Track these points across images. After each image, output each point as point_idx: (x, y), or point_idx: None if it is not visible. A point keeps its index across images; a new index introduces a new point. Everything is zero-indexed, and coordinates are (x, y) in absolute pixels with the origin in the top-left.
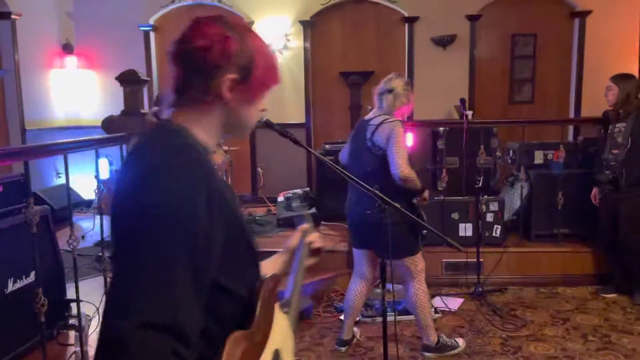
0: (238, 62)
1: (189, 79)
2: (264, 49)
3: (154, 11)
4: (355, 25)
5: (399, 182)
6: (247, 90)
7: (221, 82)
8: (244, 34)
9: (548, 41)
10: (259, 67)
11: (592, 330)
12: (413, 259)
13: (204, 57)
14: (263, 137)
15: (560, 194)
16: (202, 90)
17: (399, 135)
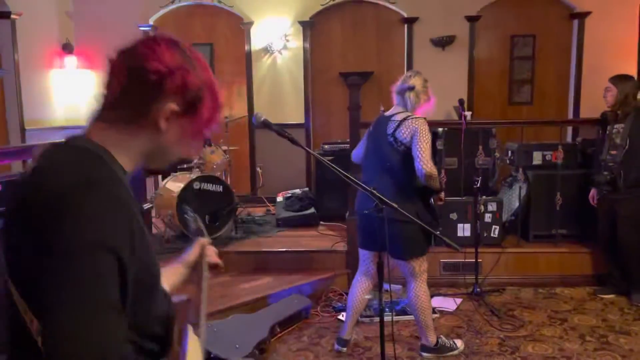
0: (186, 95)
1: (129, 97)
2: (214, 89)
3: (154, 11)
4: (354, 25)
5: (422, 178)
6: (184, 125)
7: (161, 109)
8: (200, 69)
9: (547, 42)
10: (204, 107)
11: (589, 330)
12: (421, 259)
13: (154, 81)
14: (262, 137)
15: (559, 195)
16: (139, 113)
17: (425, 133)
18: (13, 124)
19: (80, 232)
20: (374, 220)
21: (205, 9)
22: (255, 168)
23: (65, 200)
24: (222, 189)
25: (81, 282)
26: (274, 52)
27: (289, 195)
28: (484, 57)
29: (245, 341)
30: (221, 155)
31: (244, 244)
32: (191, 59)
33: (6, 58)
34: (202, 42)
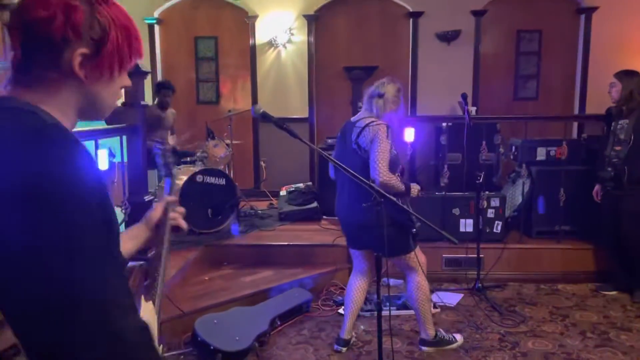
0: (88, 34)
1: (31, 54)
2: (120, 19)
3: (159, 4)
4: (359, 20)
5: (379, 186)
6: (101, 65)
7: (71, 58)
8: (95, 2)
9: (553, 37)
10: (113, 40)
11: (591, 327)
12: (408, 256)
13: (46, 29)
14: (266, 131)
15: (562, 191)
16: (48, 67)
17: (382, 139)
18: None
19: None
20: (350, 222)
21: (210, 2)
22: (258, 162)
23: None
24: (225, 182)
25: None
26: (279, 46)
27: (292, 189)
28: (489, 52)
29: (246, 334)
30: (224, 149)
31: (246, 237)
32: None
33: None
34: (206, 35)
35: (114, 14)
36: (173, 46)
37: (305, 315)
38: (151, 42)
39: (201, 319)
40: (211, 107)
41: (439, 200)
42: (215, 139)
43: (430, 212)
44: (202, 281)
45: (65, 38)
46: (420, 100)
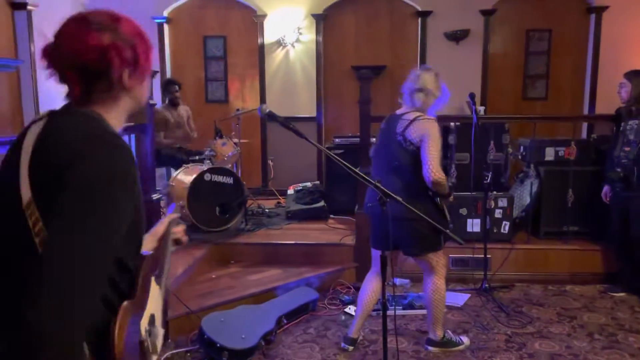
0: (126, 57)
1: (90, 84)
2: (136, 29)
3: (168, 3)
4: (367, 19)
5: (429, 184)
6: (140, 72)
7: (121, 77)
8: (118, 27)
9: (563, 37)
10: (141, 51)
11: (598, 328)
12: (435, 254)
13: (97, 67)
14: (274, 130)
15: (571, 191)
16: (106, 89)
17: (434, 136)
18: (29, 114)
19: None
20: (384, 219)
21: (219, 2)
22: (266, 161)
23: (85, 149)
24: (232, 181)
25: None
26: (287, 45)
27: (300, 188)
28: (498, 51)
29: (252, 332)
30: (232, 148)
31: (253, 236)
32: (108, 26)
33: (22, 49)
34: (215, 34)
35: (132, 30)
36: (182, 45)
37: (311, 314)
38: (160, 41)
39: (208, 317)
40: (220, 106)
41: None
42: (223, 137)
43: None
44: (209, 279)
45: (112, 67)
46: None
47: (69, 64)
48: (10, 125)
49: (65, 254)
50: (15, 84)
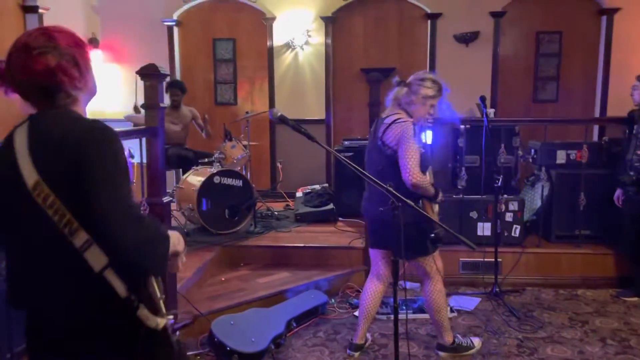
0: (72, 72)
1: (50, 97)
2: (74, 41)
3: (178, 6)
4: (377, 21)
5: (410, 187)
6: (85, 76)
7: (73, 87)
8: (57, 45)
9: (574, 39)
10: (81, 60)
11: (611, 333)
12: (425, 259)
13: (51, 85)
14: (283, 133)
15: (583, 195)
16: (65, 97)
17: (409, 139)
18: None
19: (108, 154)
20: (373, 218)
21: (228, 4)
22: (275, 163)
23: (90, 137)
24: (241, 183)
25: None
26: (296, 48)
27: (308, 190)
28: (508, 53)
29: (262, 335)
30: (241, 150)
31: (262, 239)
32: (51, 44)
33: None
34: (224, 37)
35: (67, 41)
36: (191, 48)
37: (320, 318)
38: (170, 44)
39: (218, 320)
40: (229, 109)
41: (457, 203)
42: (232, 140)
43: (447, 215)
44: (219, 282)
45: (70, 84)
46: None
47: (26, 89)
48: None
49: (119, 201)
50: None
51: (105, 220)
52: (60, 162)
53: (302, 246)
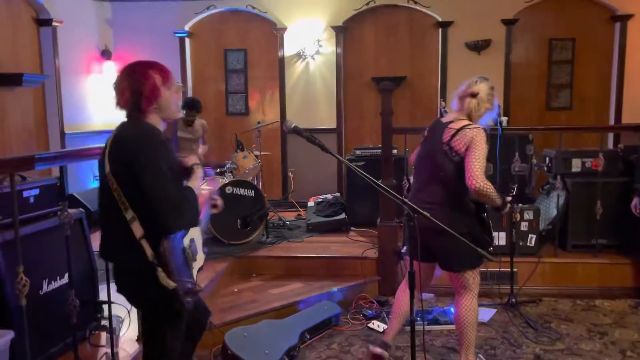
0: (145, 94)
1: (137, 106)
2: (160, 70)
3: (189, 18)
4: (388, 30)
5: (472, 194)
6: (154, 99)
7: (148, 102)
8: (134, 73)
9: (587, 45)
10: (153, 87)
11: (631, 345)
12: (473, 272)
13: (137, 96)
14: (294, 142)
15: (599, 203)
16: (143, 109)
17: (481, 145)
18: (53, 128)
19: (153, 153)
20: (425, 226)
21: (240, 15)
22: (287, 173)
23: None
24: (253, 193)
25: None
26: (307, 57)
27: (320, 200)
28: (521, 61)
29: (275, 347)
30: (253, 160)
31: (274, 249)
32: (129, 74)
33: (47, 64)
34: (236, 47)
35: (142, 74)
36: (203, 59)
37: (334, 329)
38: (182, 54)
39: (231, 332)
40: (240, 119)
41: None
42: (244, 150)
43: None
44: (232, 293)
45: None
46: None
47: (121, 101)
48: (35, 140)
49: (161, 188)
50: (40, 99)
51: (150, 193)
52: (120, 157)
53: (315, 256)
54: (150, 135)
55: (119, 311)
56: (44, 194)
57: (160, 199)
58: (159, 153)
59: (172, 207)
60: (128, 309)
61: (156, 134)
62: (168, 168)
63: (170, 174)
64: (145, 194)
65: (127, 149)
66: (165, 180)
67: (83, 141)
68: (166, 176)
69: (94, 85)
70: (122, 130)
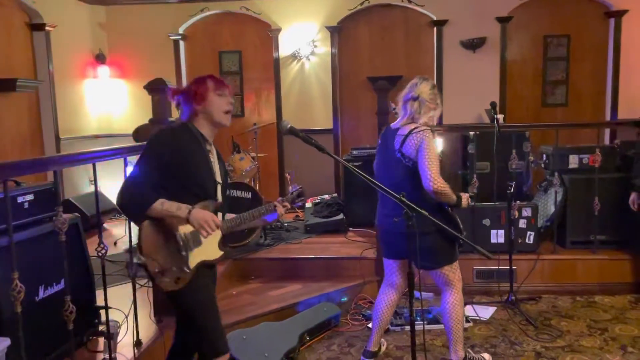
0: (191, 97)
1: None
2: (210, 81)
3: (183, 20)
4: (382, 29)
5: (432, 195)
6: (200, 102)
7: (194, 104)
8: (193, 82)
9: (582, 42)
10: (201, 91)
11: (631, 341)
12: (451, 267)
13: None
14: (291, 143)
15: (597, 199)
16: (190, 111)
17: (430, 146)
18: (48, 133)
19: (146, 149)
20: (391, 230)
21: (234, 17)
22: (284, 174)
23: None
24: (251, 195)
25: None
26: (302, 58)
27: (318, 201)
28: (516, 58)
29: (275, 350)
30: (250, 162)
31: (272, 251)
32: (194, 84)
33: (41, 69)
34: (230, 49)
35: (197, 80)
36: (198, 61)
37: (334, 331)
38: (176, 57)
39: (230, 335)
40: (236, 121)
41: (469, 211)
42: (241, 152)
43: None
44: (230, 295)
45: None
46: (446, 108)
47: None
48: (29, 145)
49: (131, 175)
50: (35, 104)
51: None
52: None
53: (313, 257)
54: (162, 134)
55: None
56: (38, 200)
57: (125, 181)
58: (154, 152)
59: (124, 193)
60: (126, 314)
61: (173, 135)
62: (176, 168)
63: (165, 175)
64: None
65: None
66: (140, 174)
67: (78, 146)
68: (145, 173)
69: (88, 89)
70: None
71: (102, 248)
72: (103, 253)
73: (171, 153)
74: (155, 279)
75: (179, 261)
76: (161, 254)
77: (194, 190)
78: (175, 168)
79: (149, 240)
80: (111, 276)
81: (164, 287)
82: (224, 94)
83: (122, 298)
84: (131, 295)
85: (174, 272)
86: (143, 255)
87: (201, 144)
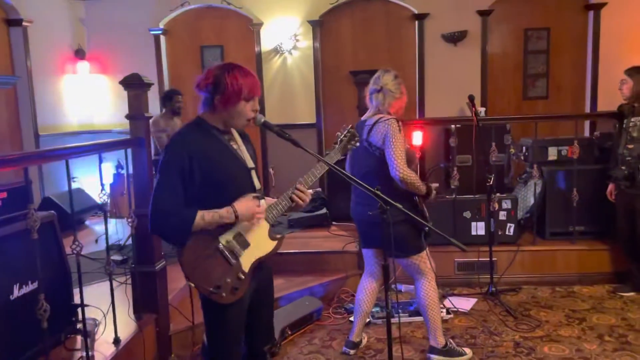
0: (220, 89)
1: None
2: (237, 78)
3: (164, 15)
4: (364, 23)
5: (399, 183)
6: (224, 99)
7: (213, 99)
8: (225, 73)
9: (562, 35)
10: (229, 90)
11: (608, 330)
12: (420, 256)
13: (207, 92)
14: (274, 138)
15: (575, 191)
16: (210, 105)
17: (395, 135)
18: (27, 130)
19: (163, 162)
20: (362, 220)
21: (215, 11)
22: (267, 169)
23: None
24: None
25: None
26: (284, 53)
27: None
28: (497, 51)
29: None
30: None
31: None
32: (220, 75)
33: (19, 65)
34: (212, 44)
35: (234, 76)
36: (179, 56)
37: (316, 324)
38: (157, 52)
39: None
40: None
41: (450, 204)
42: None
43: (440, 216)
44: None
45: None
46: (428, 102)
47: (202, 83)
48: (8, 142)
49: (155, 195)
50: (12, 100)
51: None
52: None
53: (296, 252)
54: (173, 142)
55: (95, 314)
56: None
57: (153, 207)
58: (172, 164)
59: (158, 221)
60: (104, 312)
61: (184, 139)
62: (191, 172)
63: (183, 181)
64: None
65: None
66: (164, 192)
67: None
68: (170, 188)
69: (68, 85)
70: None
71: (77, 245)
72: (78, 250)
73: (189, 157)
74: (212, 298)
75: (231, 271)
76: (211, 274)
77: (227, 185)
78: (199, 171)
79: (192, 266)
80: (91, 274)
81: (225, 301)
82: (253, 99)
83: (102, 295)
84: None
85: (228, 284)
86: (191, 282)
87: (216, 137)
